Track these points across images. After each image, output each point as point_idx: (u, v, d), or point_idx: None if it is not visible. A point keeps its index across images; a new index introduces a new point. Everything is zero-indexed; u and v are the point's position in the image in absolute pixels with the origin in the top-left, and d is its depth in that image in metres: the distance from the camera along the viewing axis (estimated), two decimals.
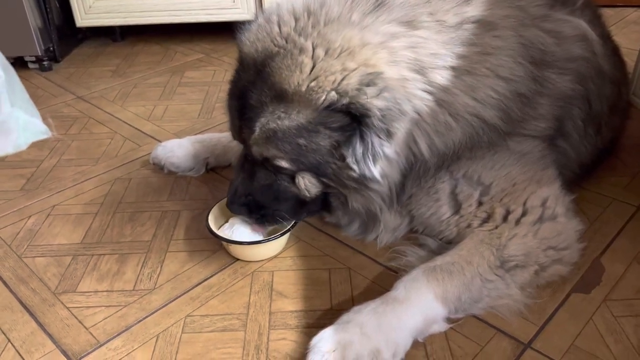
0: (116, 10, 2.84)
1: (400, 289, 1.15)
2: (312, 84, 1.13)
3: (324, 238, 1.49)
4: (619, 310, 1.23)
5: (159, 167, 1.82)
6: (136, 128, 2.14)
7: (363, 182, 1.22)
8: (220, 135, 1.81)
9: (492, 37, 1.23)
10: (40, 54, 2.68)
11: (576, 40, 1.36)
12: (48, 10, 2.69)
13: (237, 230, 1.39)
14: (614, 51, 1.63)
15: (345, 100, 1.11)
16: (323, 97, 1.13)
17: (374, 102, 1.11)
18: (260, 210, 1.34)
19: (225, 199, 1.40)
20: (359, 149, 1.16)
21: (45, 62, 2.72)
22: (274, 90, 1.17)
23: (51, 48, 2.77)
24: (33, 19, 2.60)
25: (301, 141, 1.17)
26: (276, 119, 1.17)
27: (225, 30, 3.03)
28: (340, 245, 1.46)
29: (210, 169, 1.81)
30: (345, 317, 1.12)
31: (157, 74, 2.67)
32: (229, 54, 2.85)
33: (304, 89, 1.14)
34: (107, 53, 2.97)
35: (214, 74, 2.61)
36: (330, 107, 1.13)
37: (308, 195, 1.29)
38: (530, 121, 1.30)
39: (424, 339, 1.16)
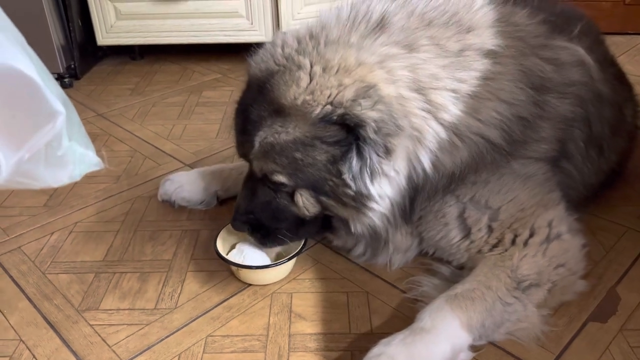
0: (137, 30, 2.90)
1: (426, 319, 1.16)
2: (308, 97, 1.17)
3: (342, 261, 1.51)
4: (636, 340, 1.23)
5: (169, 204, 1.76)
6: (156, 147, 2.18)
7: (361, 200, 1.23)
8: (231, 167, 1.79)
9: (493, 63, 1.27)
10: (61, 71, 2.74)
11: (574, 65, 1.41)
12: (71, 28, 2.76)
13: (247, 256, 1.41)
14: (616, 75, 1.67)
15: (339, 111, 1.15)
16: (318, 110, 1.16)
17: (369, 113, 1.14)
18: (261, 229, 1.36)
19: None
20: (355, 164, 1.18)
21: (66, 79, 2.79)
22: (272, 105, 1.21)
23: (72, 65, 2.84)
24: (56, 37, 2.67)
25: (298, 155, 1.20)
26: (274, 133, 1.21)
27: (242, 51, 3.07)
28: (358, 268, 1.48)
29: (221, 201, 1.78)
30: (375, 350, 1.12)
31: (175, 93, 2.72)
32: (245, 75, 2.89)
33: (299, 102, 1.18)
34: (126, 71, 3.03)
35: (231, 94, 2.65)
36: (325, 119, 1.16)
37: (307, 213, 1.32)
38: (532, 143, 1.34)
39: None
